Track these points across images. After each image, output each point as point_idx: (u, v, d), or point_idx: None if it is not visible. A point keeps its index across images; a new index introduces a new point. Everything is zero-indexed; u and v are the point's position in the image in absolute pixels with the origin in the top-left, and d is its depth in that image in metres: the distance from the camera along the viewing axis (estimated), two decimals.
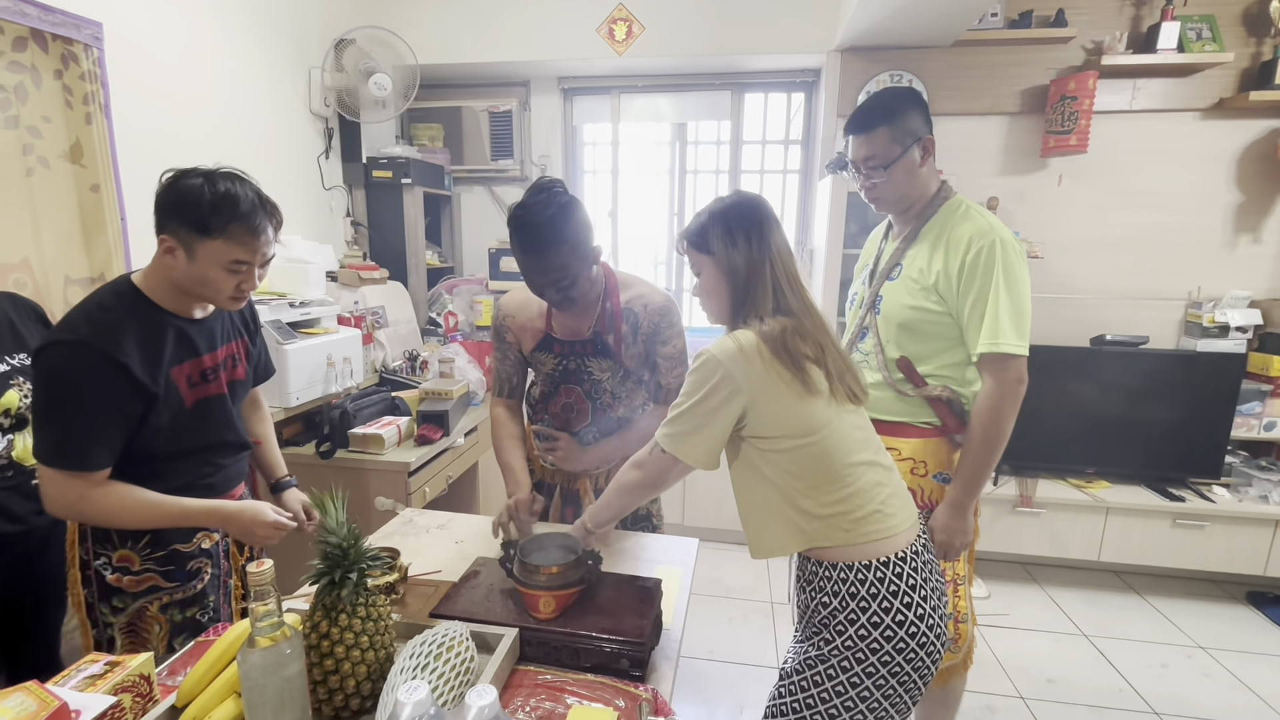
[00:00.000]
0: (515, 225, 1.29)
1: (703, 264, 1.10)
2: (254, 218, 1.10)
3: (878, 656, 0.98)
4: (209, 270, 1.10)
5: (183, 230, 1.07)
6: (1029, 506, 2.63)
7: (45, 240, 1.66)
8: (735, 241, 1.05)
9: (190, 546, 1.20)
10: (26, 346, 1.33)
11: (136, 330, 1.09)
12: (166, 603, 1.19)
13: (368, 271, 2.69)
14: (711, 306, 1.12)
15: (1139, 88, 2.67)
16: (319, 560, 0.85)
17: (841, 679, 1.00)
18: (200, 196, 1.06)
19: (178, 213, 1.07)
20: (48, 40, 1.64)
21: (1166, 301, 2.80)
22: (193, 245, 1.08)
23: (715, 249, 1.07)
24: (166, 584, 1.18)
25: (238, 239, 1.09)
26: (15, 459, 1.28)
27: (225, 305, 1.17)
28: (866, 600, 0.98)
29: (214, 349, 1.22)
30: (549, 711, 0.88)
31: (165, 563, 1.18)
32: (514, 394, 1.58)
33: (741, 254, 1.05)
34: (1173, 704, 2.05)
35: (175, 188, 1.08)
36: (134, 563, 1.16)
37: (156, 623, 1.19)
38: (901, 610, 0.98)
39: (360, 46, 2.71)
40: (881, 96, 1.39)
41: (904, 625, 0.98)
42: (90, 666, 0.82)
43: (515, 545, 1.11)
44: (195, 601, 1.21)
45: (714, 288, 1.09)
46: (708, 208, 1.10)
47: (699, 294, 1.14)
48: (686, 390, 1.04)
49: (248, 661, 0.74)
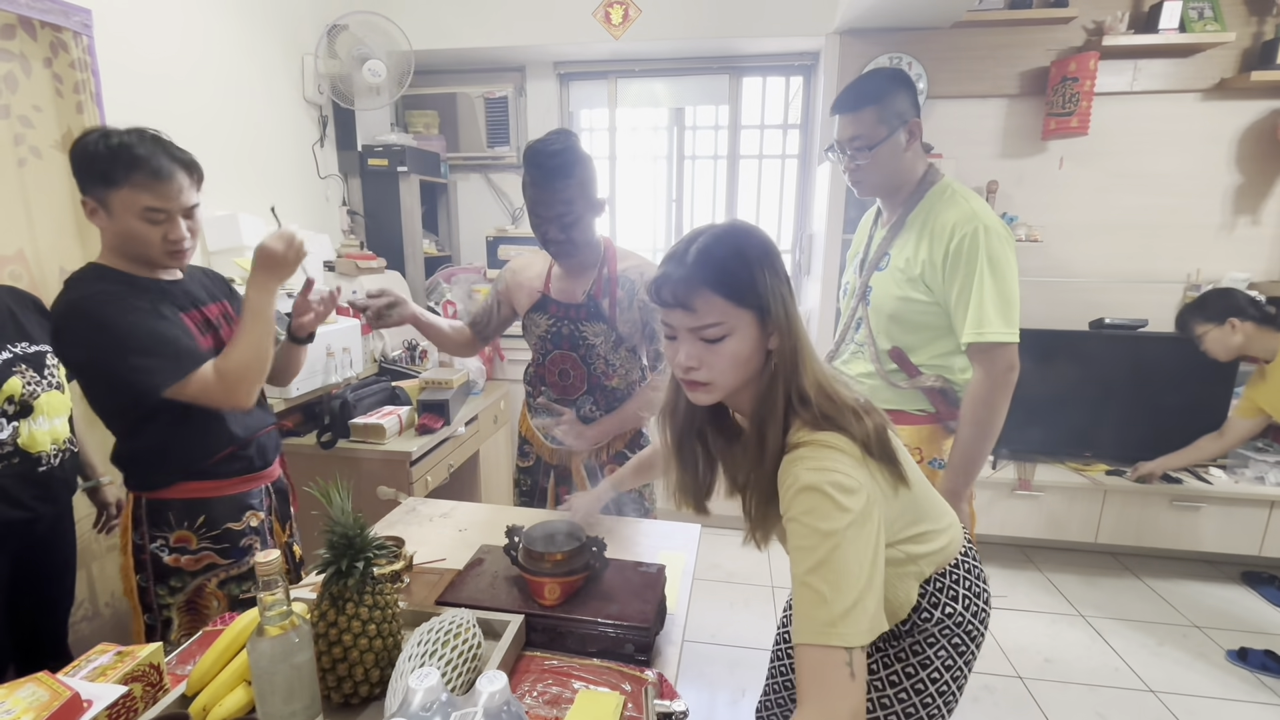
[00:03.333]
0: (529, 155, 1.36)
1: (739, 322, 0.78)
2: (154, 161, 1.09)
3: (975, 641, 0.95)
4: (128, 221, 1.11)
5: (91, 185, 1.10)
6: (1027, 490, 2.65)
7: (39, 232, 1.65)
8: (787, 289, 0.80)
9: (241, 525, 1.25)
10: (29, 336, 1.34)
11: (130, 293, 1.12)
12: (224, 579, 1.24)
13: (365, 261, 2.67)
14: (728, 382, 0.81)
15: (1140, 68, 2.65)
16: (325, 550, 0.85)
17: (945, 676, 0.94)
18: (98, 149, 1.08)
19: (84, 169, 1.09)
20: (36, 28, 1.61)
21: (1166, 284, 2.81)
22: (106, 200, 1.10)
23: (771, 300, 0.78)
24: (223, 560, 1.24)
25: (142, 185, 1.09)
26: (20, 445, 1.28)
27: (165, 261, 1.18)
28: (968, 597, 0.93)
29: (200, 306, 1.25)
30: (556, 696, 0.89)
31: (220, 540, 1.23)
32: (477, 329, 1.64)
33: (794, 308, 0.80)
34: (1168, 683, 2.08)
35: (77, 146, 1.10)
36: (191, 542, 1.21)
37: (215, 598, 1.24)
38: (985, 588, 0.97)
39: (354, 32, 2.68)
40: (870, 77, 1.37)
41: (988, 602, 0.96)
42: (100, 657, 0.82)
43: (519, 532, 1.12)
44: (249, 576, 1.26)
45: (748, 357, 0.80)
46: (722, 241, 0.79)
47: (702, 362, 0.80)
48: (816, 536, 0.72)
49: (257, 650, 0.74)
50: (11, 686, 0.72)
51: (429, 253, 3.17)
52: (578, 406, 1.56)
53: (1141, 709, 1.97)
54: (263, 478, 1.32)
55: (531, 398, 1.64)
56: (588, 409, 1.56)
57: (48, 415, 1.33)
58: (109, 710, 0.74)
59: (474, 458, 2.62)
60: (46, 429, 1.33)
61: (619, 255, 1.54)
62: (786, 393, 0.79)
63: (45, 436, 1.32)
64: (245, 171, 2.36)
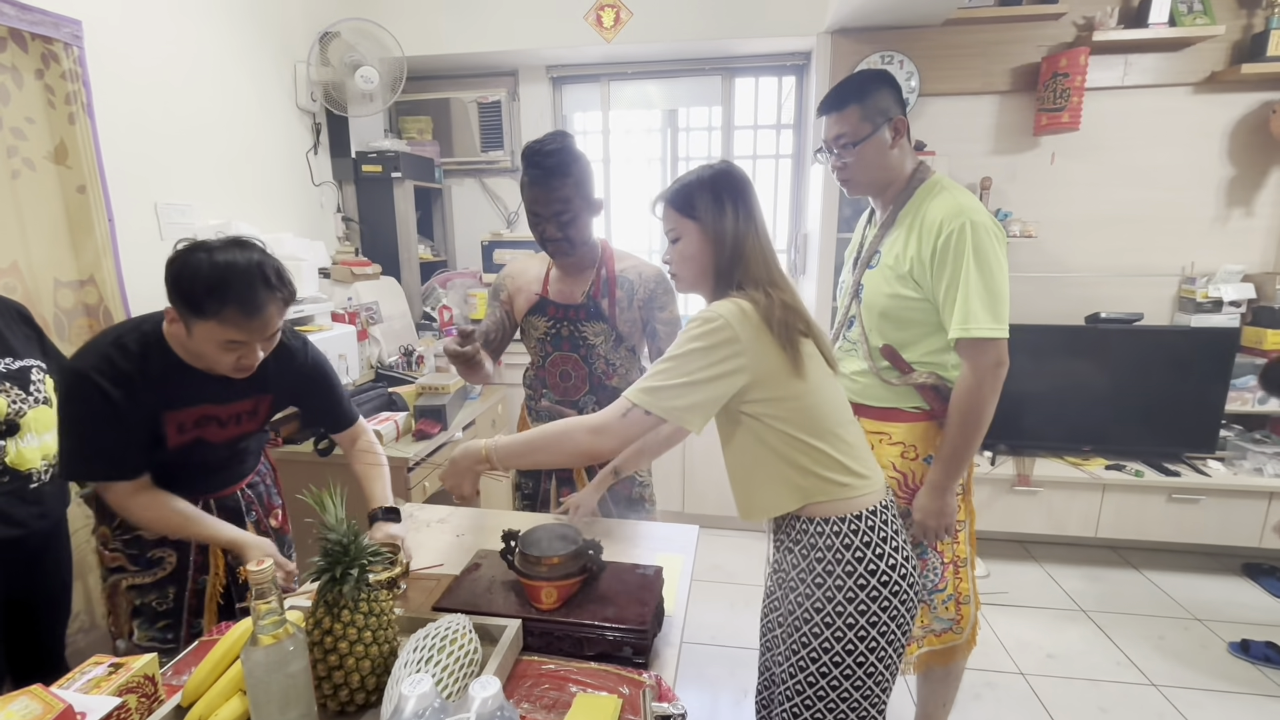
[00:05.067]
0: (527, 155, 1.39)
1: (685, 229, 1.07)
2: (251, 296, 1.05)
3: (878, 603, 1.00)
4: (205, 347, 1.09)
5: (179, 306, 1.06)
6: (1026, 485, 2.65)
7: (33, 243, 1.65)
8: (723, 208, 1.03)
9: (153, 535, 1.24)
10: (12, 351, 1.32)
11: (142, 377, 1.11)
12: (130, 584, 1.25)
13: (360, 267, 2.67)
14: (688, 273, 1.09)
15: (1131, 63, 2.65)
16: (320, 557, 0.85)
17: (839, 624, 1.01)
18: (195, 276, 1.03)
19: (175, 289, 1.05)
20: (27, 40, 1.61)
21: (1160, 278, 2.81)
22: (190, 323, 1.07)
23: (701, 214, 1.05)
24: (130, 566, 1.25)
25: (231, 321, 1.05)
26: (9, 464, 1.28)
27: (229, 374, 1.15)
28: (861, 549, 1.01)
29: (223, 402, 1.22)
30: (554, 700, 0.89)
31: (130, 546, 1.24)
32: (491, 348, 1.62)
33: (729, 221, 1.03)
34: (1170, 676, 2.08)
35: (176, 263, 1.05)
36: (109, 540, 1.25)
37: (124, 599, 1.26)
38: (891, 554, 1.02)
39: (345, 39, 2.68)
40: (853, 77, 1.40)
41: (895, 568, 1.02)
42: (95, 669, 0.82)
43: (516, 537, 1.12)
44: (153, 589, 1.25)
45: (695, 254, 1.06)
46: (693, 173, 1.08)
47: (674, 259, 1.10)
48: (681, 344, 0.99)
49: (251, 659, 0.74)
50: (5, 700, 0.71)
51: (424, 258, 3.17)
52: (580, 407, 1.56)
53: (1144, 703, 1.97)
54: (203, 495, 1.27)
55: (533, 401, 1.64)
56: (590, 409, 1.56)
57: (36, 432, 1.32)
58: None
59: None
60: (36, 445, 1.31)
61: (616, 256, 1.55)
62: (724, 281, 1.04)
63: (35, 453, 1.31)
64: (240, 180, 2.36)
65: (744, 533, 3.03)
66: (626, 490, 1.60)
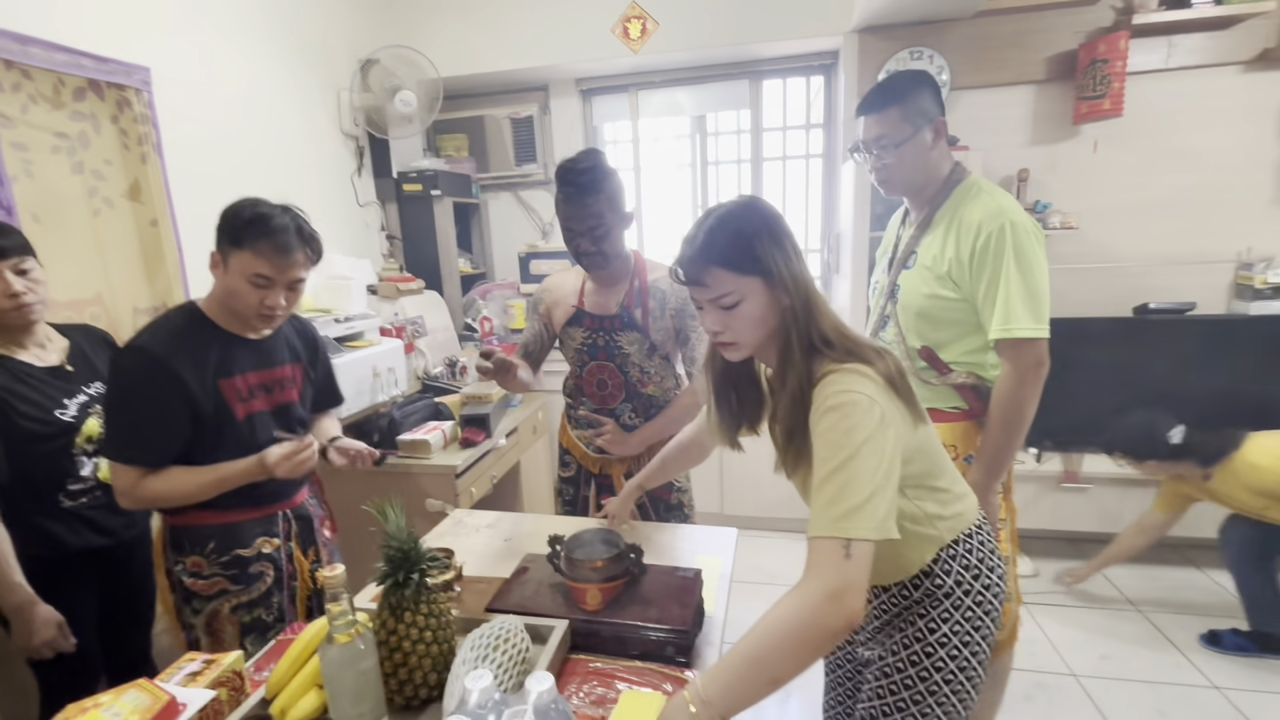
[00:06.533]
0: (560, 174, 1.46)
1: (747, 289, 0.87)
2: (283, 236, 1.19)
3: (991, 617, 0.97)
4: (236, 281, 1.20)
5: (223, 242, 1.20)
6: (1074, 482, 2.59)
7: (113, 275, 1.79)
8: (787, 250, 0.87)
9: (251, 551, 1.30)
10: (100, 375, 1.45)
11: (190, 342, 1.22)
12: (235, 605, 1.29)
13: (405, 283, 2.79)
14: (754, 338, 0.91)
15: (1175, 44, 2.57)
16: (383, 563, 0.92)
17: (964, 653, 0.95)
18: (240, 213, 1.20)
19: (221, 227, 1.21)
20: (103, 88, 1.76)
21: (1214, 264, 2.70)
22: (227, 256, 1.20)
23: (769, 265, 0.86)
24: (233, 587, 1.28)
25: (263, 253, 1.18)
26: (101, 479, 1.40)
27: (255, 323, 1.26)
28: (978, 568, 0.97)
29: (267, 368, 1.32)
30: (601, 696, 0.94)
31: (230, 567, 1.28)
32: (530, 358, 1.70)
33: (797, 264, 0.88)
34: (1233, 678, 2.01)
35: (227, 209, 1.21)
36: (203, 568, 1.27)
37: (229, 624, 1.29)
38: (1000, 564, 1.00)
39: (385, 65, 2.80)
40: (894, 78, 1.40)
41: (1002, 577, 0.99)
42: (189, 665, 0.91)
43: (561, 541, 1.17)
44: (260, 603, 1.31)
45: (763, 315, 0.89)
46: (727, 219, 0.89)
47: (731, 328, 0.90)
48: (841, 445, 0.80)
49: (327, 656, 0.81)
50: (117, 692, 0.80)
51: (464, 271, 3.28)
52: (617, 415, 1.62)
53: (1206, 706, 1.91)
54: (276, 506, 1.35)
55: (572, 409, 1.70)
56: (627, 416, 1.62)
57: None
58: (200, 713, 0.82)
59: (515, 468, 2.70)
60: None
61: (648, 267, 1.60)
62: (805, 339, 0.88)
63: None
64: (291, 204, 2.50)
65: (783, 534, 3.03)
66: (665, 496, 1.64)
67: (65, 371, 1.38)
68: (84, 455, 1.37)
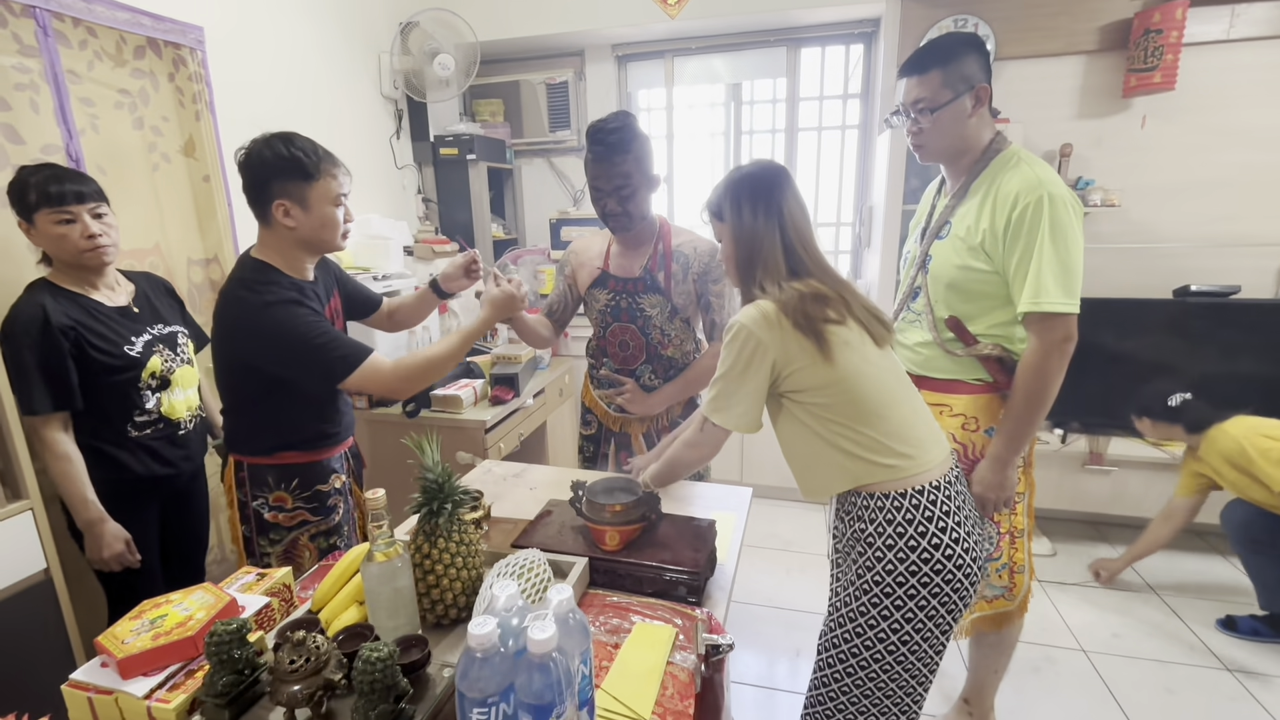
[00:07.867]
0: (590, 133, 1.51)
1: (720, 231, 1.19)
2: (329, 154, 1.29)
3: (917, 579, 1.03)
4: (324, 209, 1.28)
5: (291, 185, 1.25)
6: (1099, 464, 2.57)
7: (170, 227, 1.90)
8: (743, 208, 1.13)
9: (328, 486, 1.43)
10: (163, 318, 1.56)
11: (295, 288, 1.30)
12: (314, 533, 1.42)
13: (440, 245, 2.86)
14: (730, 272, 1.20)
15: (1239, 14, 2.45)
16: (419, 494, 1.00)
17: (886, 604, 1.05)
18: (305, 150, 1.26)
19: (280, 173, 1.24)
20: (161, 47, 1.84)
21: (1263, 247, 2.61)
22: (304, 194, 1.26)
23: (728, 217, 1.15)
24: (313, 517, 1.41)
25: (333, 174, 1.28)
26: (163, 413, 1.51)
27: (339, 244, 1.35)
28: (903, 525, 1.04)
29: (327, 302, 1.43)
30: (616, 627, 1.01)
31: (311, 500, 1.41)
32: (554, 317, 1.78)
33: (749, 220, 1.12)
34: (1247, 661, 2.01)
35: (262, 156, 1.24)
36: (288, 502, 1.39)
37: (307, 550, 1.43)
38: (937, 534, 1.04)
39: (424, 28, 2.84)
40: (940, 40, 1.36)
41: (939, 548, 1.03)
42: (244, 576, 1.01)
43: (584, 487, 1.24)
44: (335, 531, 1.45)
45: (730, 254, 1.17)
46: (724, 177, 1.18)
47: (723, 261, 1.22)
48: (722, 361, 1.12)
49: (368, 572, 0.90)
50: (185, 592, 0.90)
51: (497, 235, 3.34)
52: (637, 375, 1.67)
53: (1215, 687, 1.92)
54: (343, 446, 1.50)
55: (594, 369, 1.76)
56: (647, 377, 1.67)
57: (183, 387, 1.56)
58: (256, 615, 0.91)
59: (542, 427, 2.79)
60: (182, 399, 1.56)
61: (673, 232, 1.64)
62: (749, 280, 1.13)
63: (181, 405, 1.55)
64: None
65: (800, 503, 3.08)
66: None
67: (132, 312, 1.49)
68: (148, 390, 1.48)
